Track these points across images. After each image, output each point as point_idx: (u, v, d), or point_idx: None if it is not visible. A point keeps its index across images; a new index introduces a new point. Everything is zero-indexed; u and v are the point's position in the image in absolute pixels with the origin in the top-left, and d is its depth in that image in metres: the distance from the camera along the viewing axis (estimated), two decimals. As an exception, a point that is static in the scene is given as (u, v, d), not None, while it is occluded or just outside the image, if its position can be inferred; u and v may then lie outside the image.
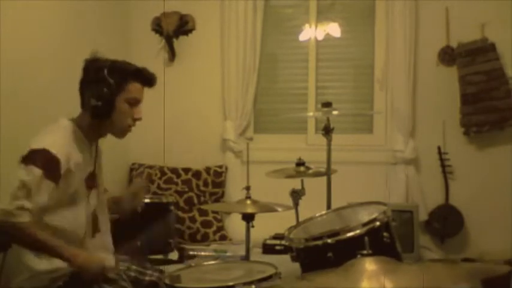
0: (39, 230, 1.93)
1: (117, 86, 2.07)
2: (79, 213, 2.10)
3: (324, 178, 2.86)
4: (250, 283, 1.87)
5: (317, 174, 2.86)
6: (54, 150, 1.96)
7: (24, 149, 1.99)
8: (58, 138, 2.03)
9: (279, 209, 2.37)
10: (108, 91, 2.05)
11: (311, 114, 4.16)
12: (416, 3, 3.85)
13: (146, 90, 2.19)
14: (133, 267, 2.25)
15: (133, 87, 2.12)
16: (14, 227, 1.88)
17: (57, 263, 2.03)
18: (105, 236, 2.25)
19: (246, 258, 2.47)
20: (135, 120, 2.15)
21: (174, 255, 3.38)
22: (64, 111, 2.18)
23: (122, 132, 2.17)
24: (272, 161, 3.17)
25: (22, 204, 1.89)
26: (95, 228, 2.18)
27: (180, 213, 3.81)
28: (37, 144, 1.98)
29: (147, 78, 2.16)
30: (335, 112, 2.82)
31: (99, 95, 2.05)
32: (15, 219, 1.88)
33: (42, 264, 2.03)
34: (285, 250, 2.29)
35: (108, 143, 2.39)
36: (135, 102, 2.13)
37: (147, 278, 2.23)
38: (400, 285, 1.27)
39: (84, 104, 2.12)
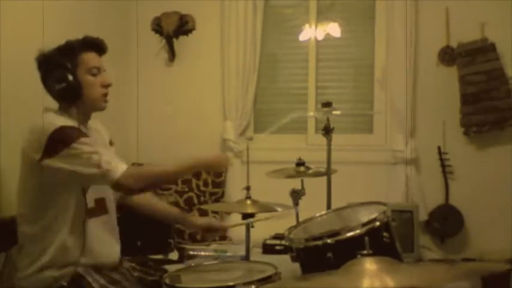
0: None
1: (71, 63, 2.09)
2: (73, 196, 2.07)
3: (324, 178, 2.86)
4: (250, 283, 1.87)
5: (317, 174, 2.85)
6: (63, 124, 2.01)
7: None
8: (56, 118, 2.06)
9: (279, 209, 2.37)
10: (65, 71, 2.07)
11: (311, 114, 4.16)
12: (416, 3, 3.84)
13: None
14: (137, 267, 2.25)
15: (87, 56, 2.13)
16: (121, 182, 1.93)
17: (60, 261, 2.03)
18: (113, 218, 2.25)
19: (246, 258, 2.47)
20: (105, 86, 2.15)
21: (174, 255, 3.38)
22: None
23: (99, 103, 2.16)
24: (272, 161, 3.16)
25: (104, 161, 1.93)
26: (99, 209, 2.16)
27: (180, 213, 3.81)
28: (48, 131, 1.97)
29: (95, 44, 2.17)
30: (335, 112, 2.82)
31: (60, 79, 2.06)
32: (114, 174, 1.92)
33: (43, 262, 2.03)
34: (285, 250, 2.28)
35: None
36: (97, 71, 2.14)
37: (149, 278, 2.23)
38: (401, 284, 1.27)
39: (54, 96, 2.12)
